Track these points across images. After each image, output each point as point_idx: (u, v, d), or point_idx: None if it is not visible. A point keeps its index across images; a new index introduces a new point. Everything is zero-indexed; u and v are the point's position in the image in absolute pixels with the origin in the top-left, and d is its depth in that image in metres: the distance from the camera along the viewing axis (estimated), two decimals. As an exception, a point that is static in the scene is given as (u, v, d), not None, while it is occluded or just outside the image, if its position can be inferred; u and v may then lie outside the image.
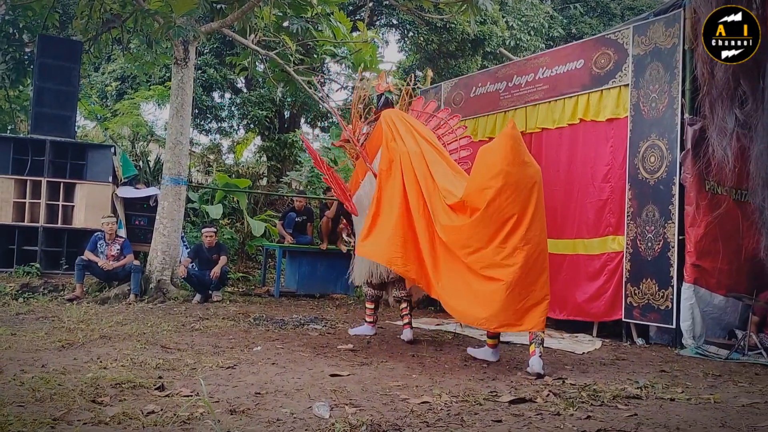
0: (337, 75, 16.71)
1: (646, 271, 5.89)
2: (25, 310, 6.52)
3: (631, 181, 6.07)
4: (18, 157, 8.64)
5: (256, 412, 3.01)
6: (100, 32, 9.34)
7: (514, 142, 4.46)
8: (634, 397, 3.61)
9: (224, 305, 7.57)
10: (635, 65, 6.10)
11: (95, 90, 14.75)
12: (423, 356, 4.85)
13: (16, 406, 2.93)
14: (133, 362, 4.04)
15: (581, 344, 5.77)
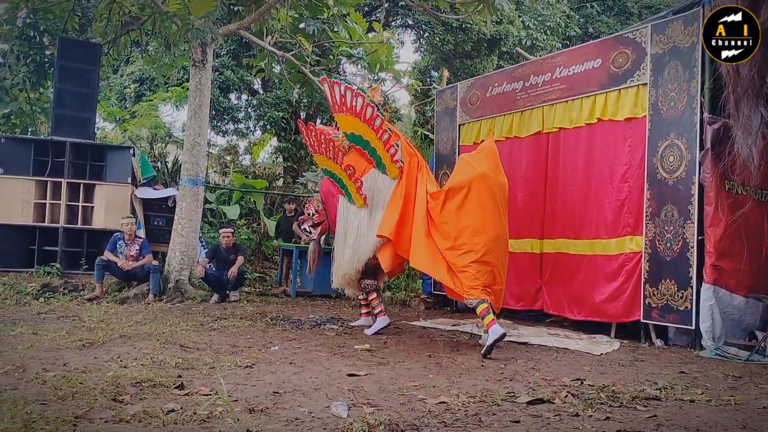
0: (352, 76, 16.74)
1: (665, 272, 5.84)
2: (46, 309, 6.61)
3: (649, 180, 6.03)
4: (39, 159, 8.76)
5: (274, 411, 3.03)
6: (119, 35, 9.45)
7: (495, 153, 5.67)
8: (653, 399, 3.59)
9: (241, 305, 7.62)
10: (654, 64, 6.05)
11: (114, 92, 14.91)
12: (440, 356, 4.85)
13: (39, 404, 2.97)
14: (153, 361, 4.08)
15: (599, 345, 5.73)
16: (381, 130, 5.81)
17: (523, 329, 6.62)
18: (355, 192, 6.00)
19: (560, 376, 4.21)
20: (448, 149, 8.56)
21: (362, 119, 5.80)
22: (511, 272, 7.50)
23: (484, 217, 5.36)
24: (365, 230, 5.94)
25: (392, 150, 5.84)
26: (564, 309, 6.89)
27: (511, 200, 7.53)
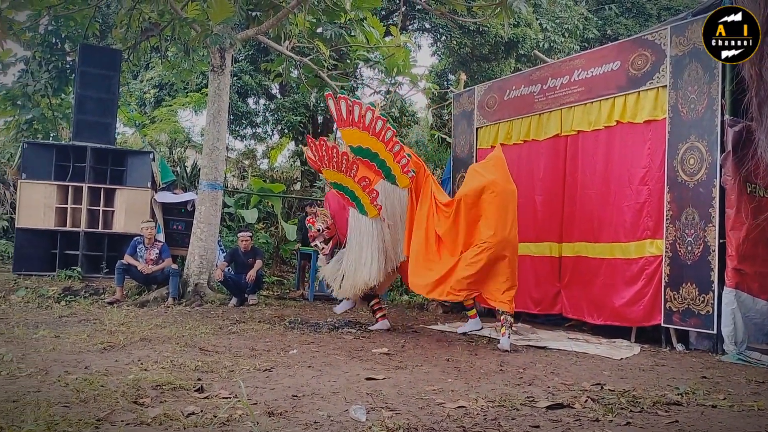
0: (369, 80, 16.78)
1: (686, 276, 5.78)
2: (67, 312, 6.69)
3: (669, 183, 5.97)
4: (60, 164, 8.86)
5: (293, 415, 3.04)
6: (139, 41, 9.55)
7: (503, 162, 6.02)
8: (674, 404, 3.55)
9: (260, 308, 7.66)
10: (673, 66, 6.00)
11: (134, 97, 15.07)
12: (458, 361, 4.84)
13: (61, 406, 3.01)
14: (173, 364, 4.11)
15: (619, 350, 5.69)
16: (392, 143, 5.98)
17: (542, 333, 6.58)
18: (369, 203, 6.15)
19: (580, 380, 4.18)
20: (465, 152, 8.54)
21: (371, 132, 5.99)
22: (530, 276, 7.49)
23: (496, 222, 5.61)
24: (382, 242, 6.16)
25: (403, 161, 6.00)
26: (583, 313, 6.84)
27: (529, 204, 7.53)
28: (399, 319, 7.48)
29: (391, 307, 8.59)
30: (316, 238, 6.71)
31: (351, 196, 6.25)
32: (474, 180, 5.89)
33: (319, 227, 6.65)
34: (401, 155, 6.00)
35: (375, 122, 5.94)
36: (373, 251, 6.13)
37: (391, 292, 9.67)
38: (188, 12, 8.37)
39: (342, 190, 6.30)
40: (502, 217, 5.62)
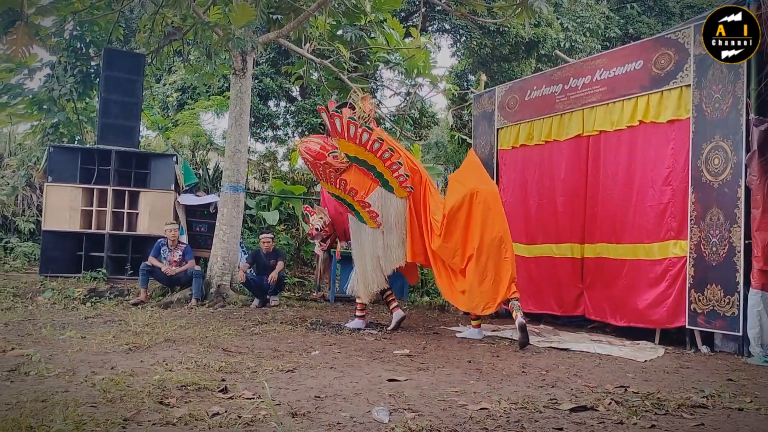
0: (389, 81, 16.79)
1: (710, 277, 5.71)
2: (93, 313, 6.78)
3: (694, 183, 5.91)
4: (85, 167, 8.99)
5: (316, 416, 3.06)
6: (162, 45, 9.66)
7: (478, 165, 6.54)
8: (700, 407, 3.51)
9: (281, 310, 7.71)
10: (697, 65, 5.94)
11: (157, 101, 15.22)
12: (480, 362, 4.83)
13: (89, 406, 3.05)
14: (197, 365, 4.15)
15: (643, 352, 5.63)
16: (389, 161, 6.20)
17: (564, 335, 6.55)
18: (369, 218, 6.36)
19: (603, 383, 4.15)
20: (486, 153, 8.52)
21: (367, 149, 6.16)
22: (552, 277, 7.46)
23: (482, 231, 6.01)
24: (382, 251, 6.42)
25: (401, 178, 6.27)
26: (606, 315, 6.80)
27: (551, 205, 7.50)
28: (420, 321, 7.49)
29: (411, 309, 8.60)
30: (315, 237, 7.06)
31: (350, 207, 6.44)
32: (457, 193, 6.23)
33: (318, 226, 6.96)
34: (398, 172, 6.24)
35: (372, 143, 6.12)
36: (374, 259, 6.44)
37: (412, 294, 9.68)
38: (210, 16, 8.45)
39: (340, 200, 6.48)
40: (489, 220, 6.00)
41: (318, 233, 6.99)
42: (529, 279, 7.76)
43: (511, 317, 6.05)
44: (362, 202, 6.29)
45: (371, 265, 6.45)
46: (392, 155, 6.20)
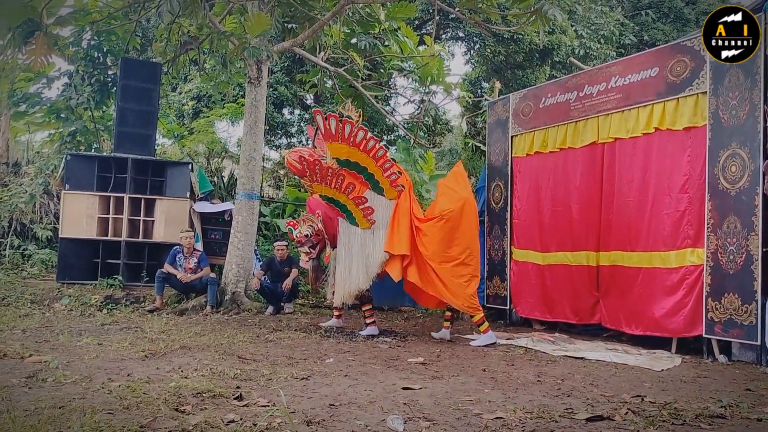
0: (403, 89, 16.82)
1: (728, 285, 5.65)
2: (109, 320, 6.84)
3: (710, 191, 5.86)
4: (102, 175, 9.07)
5: (331, 424, 3.06)
6: (178, 54, 9.75)
7: (466, 179, 6.89)
8: (718, 417, 3.47)
9: (296, 317, 7.73)
10: (713, 72, 5.89)
11: (173, 109, 15.35)
12: (494, 371, 4.81)
13: (105, 413, 3.08)
14: (212, 372, 4.17)
15: (660, 361, 5.58)
16: (383, 159, 6.31)
17: (579, 344, 6.50)
18: (362, 217, 6.46)
19: (620, 392, 4.12)
20: (500, 161, 8.50)
21: (361, 149, 6.24)
22: (567, 285, 7.41)
23: (474, 237, 6.49)
24: (371, 249, 6.49)
25: (393, 177, 6.43)
26: (621, 323, 6.74)
27: (566, 212, 7.47)
28: (435, 329, 7.46)
29: (425, 316, 8.59)
30: (304, 244, 6.86)
31: (342, 209, 6.51)
32: (453, 198, 6.50)
33: (307, 233, 6.82)
34: (392, 171, 6.41)
35: (366, 141, 6.22)
36: (361, 259, 6.48)
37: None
38: (226, 25, 8.54)
39: (332, 203, 6.52)
40: (474, 230, 6.53)
41: (308, 239, 6.84)
42: (543, 287, 7.73)
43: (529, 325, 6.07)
44: (358, 199, 6.37)
45: (356, 266, 6.48)
46: (385, 153, 6.35)
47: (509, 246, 8.28)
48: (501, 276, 8.37)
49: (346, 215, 6.52)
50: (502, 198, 8.41)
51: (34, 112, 12.17)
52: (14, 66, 10.87)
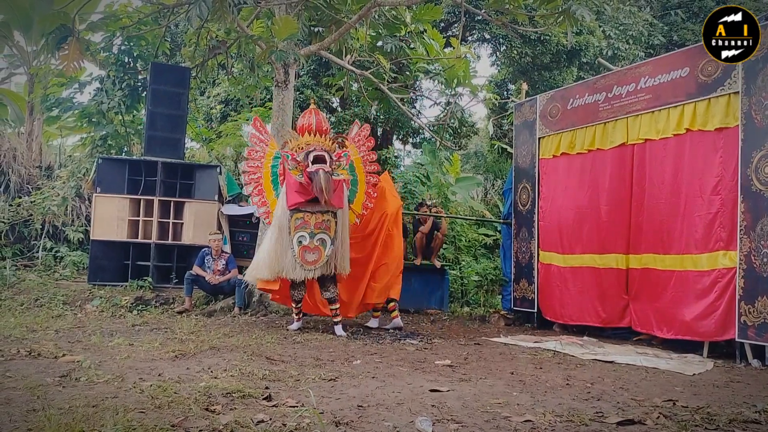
0: (429, 91, 16.81)
1: (761, 289, 5.54)
2: (139, 321, 6.94)
3: (743, 193, 5.76)
4: (132, 178, 9.19)
5: (359, 425, 3.07)
6: (207, 58, 9.87)
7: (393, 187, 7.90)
8: (752, 422, 3.41)
9: (323, 319, 7.74)
10: (746, 72, 5.80)
11: (201, 113, 15.51)
12: (522, 374, 4.78)
13: (138, 412, 3.12)
14: (241, 373, 4.21)
15: (691, 365, 5.50)
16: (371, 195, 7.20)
17: (608, 347, 6.43)
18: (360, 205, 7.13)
19: (651, 396, 4.06)
20: (527, 163, 8.46)
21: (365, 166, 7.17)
22: (595, 288, 7.34)
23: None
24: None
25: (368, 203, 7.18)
26: (652, 327, 6.66)
27: (595, 214, 7.40)
28: (461, 331, 7.45)
29: (452, 319, 8.57)
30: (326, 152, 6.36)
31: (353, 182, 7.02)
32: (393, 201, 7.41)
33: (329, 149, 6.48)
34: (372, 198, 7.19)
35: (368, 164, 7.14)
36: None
37: (452, 304, 9.63)
38: (254, 30, 8.61)
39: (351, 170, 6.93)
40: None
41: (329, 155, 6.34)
42: (568, 290, 7.66)
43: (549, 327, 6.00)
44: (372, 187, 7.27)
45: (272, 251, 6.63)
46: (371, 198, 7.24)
47: (536, 248, 8.22)
48: (528, 279, 8.32)
49: (350, 187, 6.89)
50: (530, 200, 8.36)
51: (67, 116, 12.39)
52: (47, 71, 11.12)
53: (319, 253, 6.41)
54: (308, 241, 6.38)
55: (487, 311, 9.12)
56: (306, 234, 6.40)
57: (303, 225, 6.41)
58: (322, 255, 6.41)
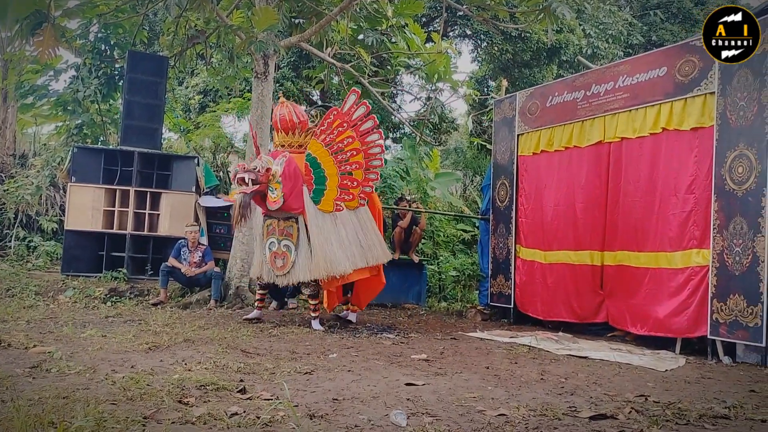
0: (410, 86, 16.81)
1: (733, 287, 5.63)
2: (113, 313, 6.85)
3: (717, 192, 5.84)
4: (108, 168, 9.07)
5: (334, 418, 3.07)
6: (185, 48, 9.76)
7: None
8: (722, 417, 3.46)
9: (299, 312, 7.73)
10: (722, 72, 5.87)
11: (179, 103, 15.36)
12: (498, 369, 4.80)
13: (109, 403, 3.08)
14: (216, 365, 4.18)
15: (663, 361, 5.57)
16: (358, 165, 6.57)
17: (583, 343, 6.49)
18: (332, 199, 6.49)
19: (623, 391, 4.11)
20: (506, 159, 8.49)
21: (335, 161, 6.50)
22: (570, 284, 7.40)
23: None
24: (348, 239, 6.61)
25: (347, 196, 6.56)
26: (626, 323, 6.74)
27: (570, 211, 7.46)
28: (438, 326, 7.47)
29: (429, 314, 8.59)
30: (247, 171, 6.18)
31: (319, 179, 6.46)
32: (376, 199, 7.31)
33: (256, 166, 6.22)
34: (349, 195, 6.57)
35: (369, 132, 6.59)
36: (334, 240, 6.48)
37: (429, 299, 9.66)
38: (233, 19, 8.53)
39: (314, 167, 6.47)
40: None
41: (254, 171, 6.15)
42: (545, 286, 7.72)
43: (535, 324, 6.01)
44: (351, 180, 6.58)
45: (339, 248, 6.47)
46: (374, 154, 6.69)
47: (514, 244, 8.27)
48: (505, 275, 8.36)
49: (315, 187, 6.42)
50: (508, 196, 8.40)
51: (41, 104, 12.19)
52: (22, 57, 10.91)
53: (286, 259, 6.40)
54: (276, 247, 6.45)
55: (464, 306, 9.16)
56: (275, 240, 6.46)
57: (272, 231, 6.49)
58: (288, 261, 6.39)
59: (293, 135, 6.63)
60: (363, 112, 6.52)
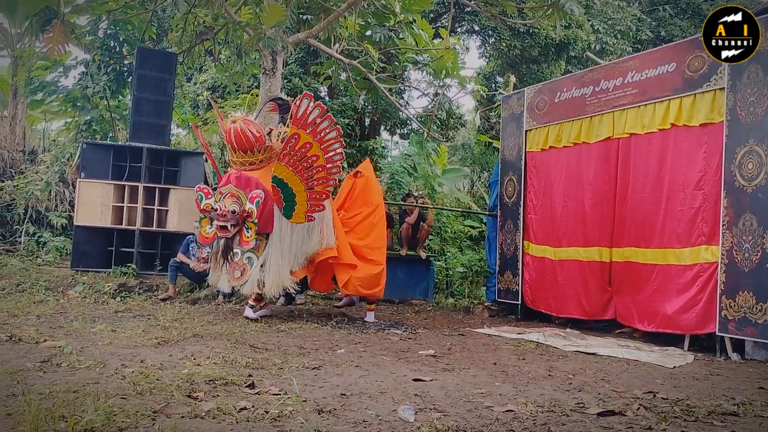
0: (417, 82, 16.79)
1: (742, 283, 5.61)
2: (122, 308, 6.89)
3: (726, 188, 5.81)
4: (117, 164, 9.11)
5: (342, 413, 3.08)
6: (194, 44, 9.78)
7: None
8: (731, 414, 3.45)
9: (307, 308, 7.76)
10: (732, 68, 5.83)
11: (188, 99, 15.38)
12: (505, 365, 4.81)
13: (119, 398, 3.10)
14: (225, 360, 4.20)
15: (672, 358, 5.56)
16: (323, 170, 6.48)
17: (591, 340, 6.48)
18: (303, 212, 6.45)
19: (631, 388, 4.10)
20: (514, 155, 8.48)
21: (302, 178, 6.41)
22: (579, 281, 7.38)
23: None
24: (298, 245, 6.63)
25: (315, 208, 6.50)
26: (634, 319, 6.72)
27: (578, 207, 7.44)
28: (445, 322, 7.47)
29: (436, 310, 8.60)
30: (228, 220, 6.18)
31: (288, 197, 6.41)
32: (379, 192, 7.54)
33: (233, 209, 6.19)
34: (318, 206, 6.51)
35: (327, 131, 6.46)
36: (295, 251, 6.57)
37: (437, 295, 9.66)
38: (242, 16, 8.53)
39: (280, 187, 6.38)
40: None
41: (234, 216, 6.18)
42: (555, 283, 7.71)
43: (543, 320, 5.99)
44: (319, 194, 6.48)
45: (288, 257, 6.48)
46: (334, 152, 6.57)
47: (521, 240, 8.26)
48: (513, 271, 8.36)
49: (285, 204, 6.39)
50: (515, 192, 8.39)
51: (51, 100, 12.26)
52: (31, 54, 10.97)
53: (245, 271, 6.27)
54: (238, 258, 6.31)
55: (472, 302, 9.16)
56: (239, 251, 6.33)
57: (237, 243, 6.36)
58: (246, 274, 6.26)
59: (252, 153, 6.43)
60: (318, 113, 6.34)
